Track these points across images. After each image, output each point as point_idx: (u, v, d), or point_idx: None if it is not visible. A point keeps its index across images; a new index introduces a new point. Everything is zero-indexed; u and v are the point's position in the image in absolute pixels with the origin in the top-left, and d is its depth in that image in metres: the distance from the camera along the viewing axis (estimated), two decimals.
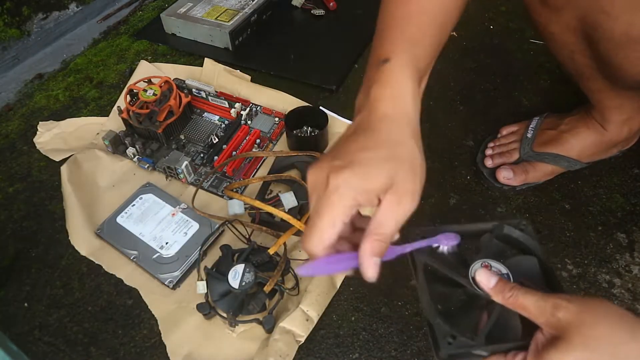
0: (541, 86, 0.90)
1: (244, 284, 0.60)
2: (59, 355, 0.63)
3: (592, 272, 0.66)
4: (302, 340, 0.61)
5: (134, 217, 0.73)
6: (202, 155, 0.81)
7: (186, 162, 0.76)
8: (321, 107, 0.84)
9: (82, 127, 0.87)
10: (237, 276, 0.60)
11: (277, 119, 0.86)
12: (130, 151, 0.81)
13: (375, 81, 0.43)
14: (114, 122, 0.87)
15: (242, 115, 0.86)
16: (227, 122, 0.86)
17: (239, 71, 0.94)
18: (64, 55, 1.08)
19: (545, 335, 0.37)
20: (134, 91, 0.82)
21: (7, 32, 1.02)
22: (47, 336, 0.65)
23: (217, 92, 0.89)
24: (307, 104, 0.86)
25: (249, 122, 0.86)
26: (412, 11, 0.47)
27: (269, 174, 0.76)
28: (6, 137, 0.89)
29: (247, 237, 0.68)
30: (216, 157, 0.80)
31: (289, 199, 0.70)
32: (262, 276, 0.61)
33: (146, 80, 0.83)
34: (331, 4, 1.09)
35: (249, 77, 0.93)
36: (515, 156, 0.75)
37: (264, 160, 0.81)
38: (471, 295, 0.41)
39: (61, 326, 0.65)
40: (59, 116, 0.90)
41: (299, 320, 0.61)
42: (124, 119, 0.82)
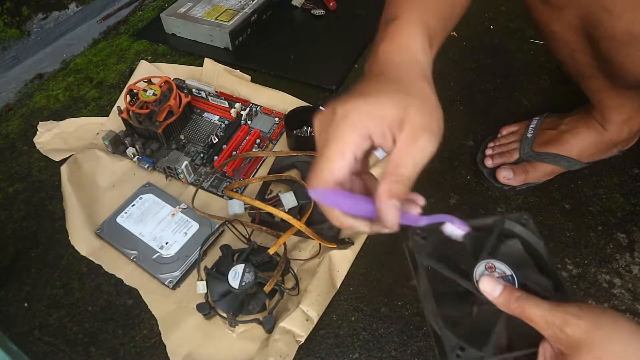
0: (541, 86, 0.90)
1: (244, 284, 0.60)
2: (59, 355, 0.63)
3: (592, 272, 0.66)
4: (302, 340, 0.61)
5: (134, 217, 0.72)
6: (202, 155, 0.81)
7: (186, 162, 0.76)
8: (321, 107, 0.83)
9: (82, 127, 0.87)
10: (237, 276, 0.60)
11: (277, 119, 0.86)
12: (130, 151, 0.81)
13: (383, 38, 0.43)
14: (114, 122, 0.87)
15: (242, 115, 0.86)
16: (227, 122, 0.86)
17: (239, 71, 0.94)
18: (64, 55, 1.08)
19: (553, 348, 0.36)
20: (134, 91, 0.82)
21: (7, 32, 1.02)
22: (47, 336, 0.65)
23: (217, 92, 0.88)
24: (307, 104, 0.86)
25: (249, 122, 0.86)
26: None
27: (269, 174, 0.76)
28: (6, 137, 0.89)
29: (247, 237, 0.68)
30: (216, 157, 0.80)
31: (289, 199, 0.70)
32: (262, 276, 0.61)
33: (146, 80, 0.83)
34: (331, 4, 1.09)
35: (249, 77, 0.93)
36: (515, 156, 0.75)
37: (264, 160, 0.81)
38: (473, 294, 0.41)
39: (61, 326, 0.65)
40: (59, 116, 0.90)
41: (299, 320, 0.61)
42: (124, 119, 0.82)
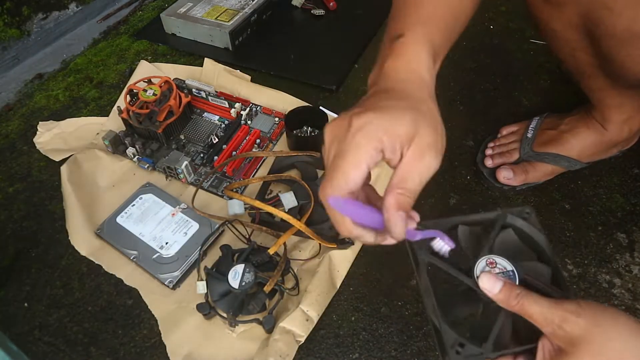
0: (541, 86, 0.90)
1: (244, 284, 0.60)
2: (59, 355, 0.63)
3: (592, 272, 0.66)
4: (302, 340, 0.61)
5: (134, 217, 0.72)
6: (202, 155, 0.81)
7: (186, 162, 0.76)
8: (321, 107, 0.84)
9: (82, 127, 0.87)
10: (237, 276, 0.60)
11: (277, 119, 0.86)
12: (130, 151, 0.81)
13: (389, 55, 0.44)
14: (114, 122, 0.87)
15: (242, 115, 0.86)
16: (227, 122, 0.86)
17: (239, 71, 0.94)
18: (64, 55, 1.08)
19: (552, 344, 0.36)
20: (134, 91, 0.82)
21: (7, 32, 1.02)
22: (47, 336, 0.65)
23: (217, 92, 0.88)
24: (307, 104, 0.86)
25: (249, 122, 0.86)
26: None
27: (269, 174, 0.76)
28: (6, 137, 0.89)
29: (247, 237, 0.68)
30: (216, 157, 0.80)
31: (289, 199, 0.70)
32: (262, 276, 0.61)
33: (146, 80, 0.83)
34: (331, 4, 1.09)
35: (249, 77, 0.93)
36: (515, 156, 0.75)
37: (264, 160, 0.81)
38: (475, 291, 0.40)
39: (61, 326, 0.65)
40: (59, 116, 0.90)
41: (299, 320, 0.61)
42: (124, 119, 0.82)
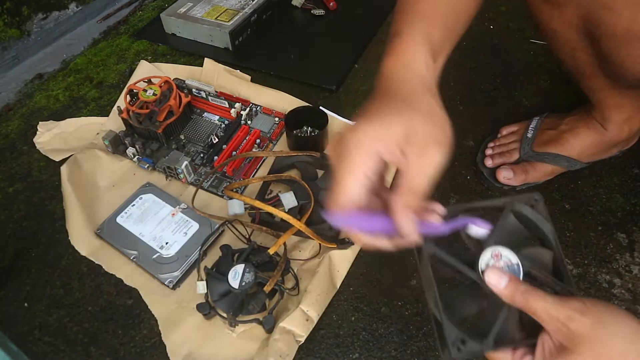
0: (541, 86, 0.90)
1: (244, 284, 0.60)
2: (59, 355, 0.63)
3: (592, 272, 0.66)
4: (302, 340, 0.61)
5: (134, 217, 0.72)
6: (202, 155, 0.81)
7: (186, 162, 0.76)
8: (321, 107, 0.83)
9: (82, 127, 0.87)
10: (237, 276, 0.60)
11: (277, 119, 0.86)
12: (130, 151, 0.81)
13: (387, 54, 0.45)
14: (114, 122, 0.87)
15: (242, 115, 0.86)
16: (227, 122, 0.86)
17: (239, 71, 0.94)
18: (64, 55, 1.08)
19: (553, 341, 0.36)
20: (134, 91, 0.82)
21: (7, 32, 1.02)
22: (47, 336, 0.65)
23: (217, 92, 0.88)
24: (307, 104, 0.86)
25: (249, 122, 0.86)
26: None
27: (269, 174, 0.76)
28: (6, 137, 0.89)
29: (247, 237, 0.68)
30: (216, 157, 0.80)
31: (289, 199, 0.70)
32: (262, 276, 0.61)
33: (146, 80, 0.83)
34: (331, 4, 1.09)
35: (249, 77, 0.93)
36: (515, 156, 0.75)
37: (264, 160, 0.81)
38: (479, 285, 0.40)
39: (61, 326, 0.65)
40: (59, 116, 0.90)
41: (299, 320, 0.61)
42: (124, 119, 0.82)
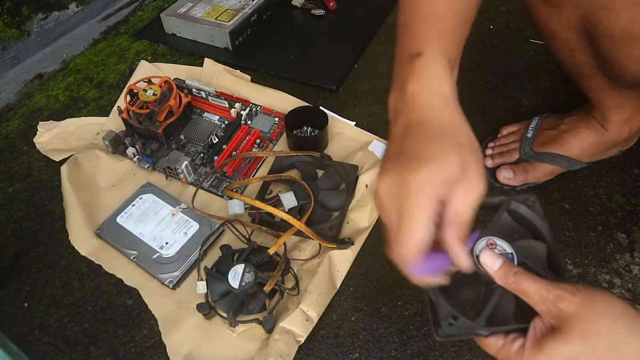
0: (541, 86, 0.90)
1: (244, 284, 0.60)
2: (59, 355, 0.63)
3: (592, 272, 0.66)
4: (302, 340, 0.61)
5: (134, 217, 0.72)
6: (202, 155, 0.81)
7: (186, 162, 0.76)
8: (321, 107, 0.83)
9: (82, 127, 0.87)
10: (237, 276, 0.60)
11: (277, 119, 0.86)
12: (130, 151, 0.81)
13: (410, 77, 0.44)
14: (114, 122, 0.87)
15: (242, 115, 0.86)
16: (227, 122, 0.86)
17: (239, 71, 0.94)
18: (64, 55, 1.08)
19: (544, 323, 0.37)
20: (134, 91, 0.82)
21: (7, 32, 1.02)
22: (47, 336, 0.65)
23: (217, 92, 0.88)
24: (307, 104, 0.86)
25: (249, 122, 0.86)
26: (435, 8, 0.48)
27: (269, 174, 0.76)
28: (6, 137, 0.89)
29: (247, 237, 0.68)
30: (216, 157, 0.80)
31: (289, 199, 0.70)
32: (262, 276, 0.61)
33: (146, 80, 0.83)
34: (331, 4, 1.09)
35: (249, 77, 0.93)
36: (515, 156, 0.75)
37: (264, 160, 0.81)
38: (476, 272, 0.41)
39: (61, 326, 0.65)
40: (59, 116, 0.90)
41: (299, 320, 0.61)
42: (124, 119, 0.82)
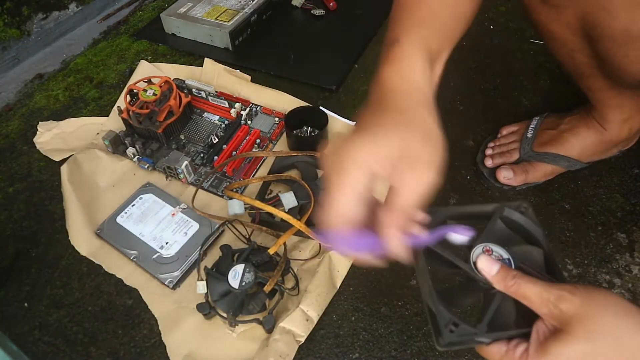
0: (541, 86, 0.90)
1: (244, 284, 0.60)
2: (59, 355, 0.63)
3: (592, 272, 0.66)
4: (302, 340, 0.61)
5: (134, 217, 0.72)
6: (202, 155, 0.81)
7: (186, 162, 0.76)
8: (321, 107, 0.84)
9: (82, 127, 0.87)
10: (237, 276, 0.60)
11: (277, 119, 0.86)
12: (130, 151, 0.81)
13: (385, 61, 0.44)
14: (114, 122, 0.87)
15: (242, 115, 0.86)
16: (227, 122, 0.86)
17: (239, 71, 0.94)
18: (64, 55, 1.08)
19: (547, 325, 0.36)
20: (134, 91, 0.82)
21: (7, 32, 1.02)
22: (47, 336, 0.65)
23: (217, 92, 0.88)
24: (307, 104, 0.86)
25: (249, 122, 0.86)
26: (425, 1, 0.48)
27: (269, 174, 0.76)
28: (6, 137, 0.89)
29: (247, 237, 0.68)
30: (216, 157, 0.80)
31: (289, 199, 0.70)
32: (262, 276, 0.61)
33: (146, 80, 0.83)
34: (331, 4, 1.09)
35: (249, 77, 0.93)
36: (515, 156, 0.75)
37: (264, 160, 0.81)
38: (471, 279, 0.41)
39: (61, 326, 0.65)
40: (59, 116, 0.90)
41: (299, 320, 0.61)
42: (124, 119, 0.82)
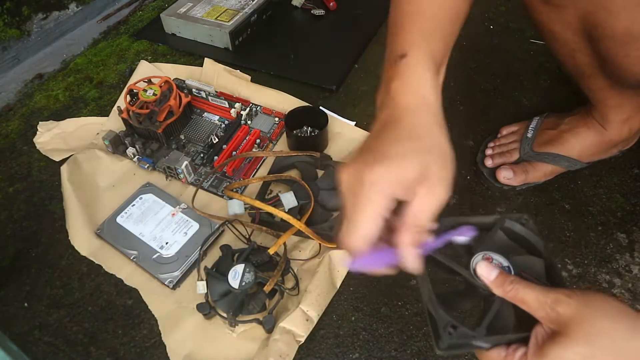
0: (541, 86, 0.90)
1: (244, 284, 0.60)
2: (59, 355, 0.63)
3: (592, 272, 0.66)
4: (302, 340, 0.61)
5: (134, 217, 0.72)
6: (202, 155, 0.81)
7: (186, 162, 0.76)
8: (321, 107, 0.84)
9: (82, 127, 0.87)
10: (237, 276, 0.60)
11: (277, 119, 0.86)
12: (130, 151, 0.81)
13: (394, 77, 0.45)
14: (114, 122, 0.87)
15: (242, 115, 0.86)
16: (227, 122, 0.86)
17: (239, 71, 0.94)
18: (64, 55, 1.08)
19: (545, 329, 0.36)
20: (134, 91, 0.82)
21: (7, 32, 1.02)
22: (47, 336, 0.65)
23: (217, 92, 0.88)
24: (307, 104, 0.86)
25: (249, 122, 0.86)
26: (424, 6, 0.48)
27: (269, 174, 0.76)
28: (6, 137, 0.89)
29: (247, 237, 0.68)
30: (216, 157, 0.80)
31: (289, 199, 0.70)
32: (262, 276, 0.61)
33: (146, 80, 0.83)
34: (331, 4, 1.09)
35: (249, 77, 0.93)
36: (515, 156, 0.75)
37: (264, 160, 0.81)
38: (471, 285, 0.41)
39: (61, 326, 0.65)
40: (59, 116, 0.90)
41: (299, 320, 0.61)
42: (124, 119, 0.82)
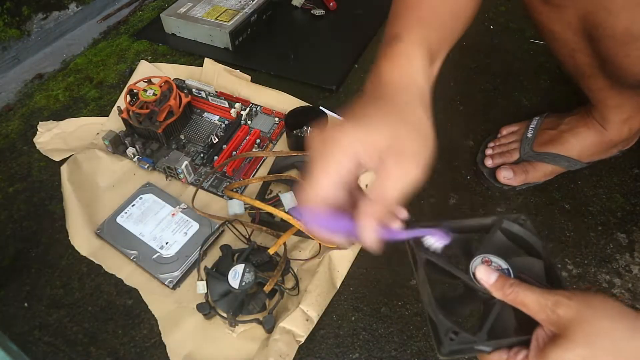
0: (541, 86, 0.90)
1: (244, 284, 0.60)
2: (59, 355, 0.63)
3: (592, 272, 0.66)
4: (302, 340, 0.61)
5: (134, 217, 0.72)
6: (202, 155, 0.81)
7: (186, 162, 0.76)
8: (321, 107, 0.84)
9: (82, 127, 0.87)
10: (237, 276, 0.60)
11: (277, 119, 0.86)
12: (130, 151, 0.81)
13: (384, 55, 0.44)
14: (114, 122, 0.87)
15: (242, 115, 0.86)
16: (227, 122, 0.86)
17: (239, 71, 0.94)
18: (64, 55, 1.08)
19: (546, 332, 0.36)
20: (134, 91, 0.82)
21: (7, 32, 1.02)
22: (47, 336, 0.65)
23: (217, 92, 0.88)
24: (307, 104, 0.86)
25: (249, 122, 0.86)
26: None
27: (269, 174, 0.76)
28: (6, 137, 0.89)
29: (247, 237, 0.68)
30: (216, 157, 0.80)
31: (289, 199, 0.70)
32: (262, 276, 0.61)
33: (146, 80, 0.83)
34: (331, 4, 1.09)
35: (249, 77, 0.93)
36: (515, 156, 0.75)
37: (264, 160, 0.81)
38: (471, 289, 0.41)
39: (61, 326, 0.65)
40: (59, 116, 0.90)
41: (299, 320, 0.61)
42: (124, 119, 0.82)
